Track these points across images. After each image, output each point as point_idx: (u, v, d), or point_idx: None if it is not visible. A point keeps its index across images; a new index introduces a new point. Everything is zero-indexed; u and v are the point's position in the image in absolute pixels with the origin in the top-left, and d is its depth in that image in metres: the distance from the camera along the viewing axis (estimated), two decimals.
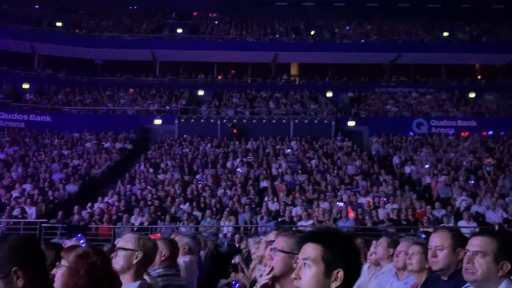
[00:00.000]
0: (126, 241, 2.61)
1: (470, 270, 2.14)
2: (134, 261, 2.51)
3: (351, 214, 11.86)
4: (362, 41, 26.18)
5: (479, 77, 27.33)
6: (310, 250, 1.56)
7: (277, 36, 26.86)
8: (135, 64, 26.12)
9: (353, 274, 1.54)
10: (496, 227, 11.10)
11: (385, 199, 12.86)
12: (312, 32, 27.18)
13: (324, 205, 12.35)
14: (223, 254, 8.20)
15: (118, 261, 2.50)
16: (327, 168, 15.92)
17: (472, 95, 24.02)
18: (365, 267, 4.18)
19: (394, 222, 11.46)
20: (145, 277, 2.63)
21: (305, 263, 1.55)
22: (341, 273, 1.51)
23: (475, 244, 2.17)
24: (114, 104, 22.87)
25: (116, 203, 12.89)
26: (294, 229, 8.44)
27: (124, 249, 2.55)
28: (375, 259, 4.03)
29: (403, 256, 3.32)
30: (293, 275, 1.58)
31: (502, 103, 23.19)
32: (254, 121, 20.68)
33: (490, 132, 20.19)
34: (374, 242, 4.25)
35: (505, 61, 25.67)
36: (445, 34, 27.13)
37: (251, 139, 19.04)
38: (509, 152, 17.60)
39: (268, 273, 2.05)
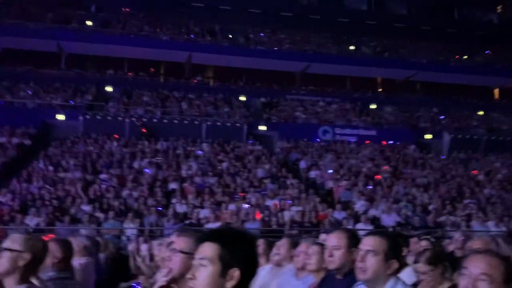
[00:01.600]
0: (12, 241, 2.40)
1: (362, 268, 2.26)
2: (21, 263, 2.32)
3: (258, 216, 12.08)
4: (276, 48, 26.85)
5: (380, 90, 29.31)
6: (207, 249, 1.53)
7: (192, 36, 26.61)
8: (39, 54, 24.32)
9: (249, 274, 1.54)
10: (391, 230, 11.93)
11: (290, 201, 13.28)
12: (228, 36, 27.36)
13: (232, 207, 12.43)
14: (125, 257, 7.88)
15: (1, 263, 2.30)
16: (238, 171, 16.07)
17: (373, 106, 25.66)
18: (268, 268, 4.26)
19: (298, 224, 11.86)
20: (34, 280, 2.44)
21: (201, 263, 1.53)
22: (237, 273, 1.50)
23: (368, 243, 2.29)
24: (13, 96, 21.13)
25: (10, 202, 11.89)
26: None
27: (10, 250, 2.34)
28: (277, 260, 4.12)
29: (303, 256, 3.42)
30: (188, 275, 1.55)
31: (400, 116, 25.08)
32: (165, 121, 20.27)
33: (389, 142, 21.72)
34: (277, 243, 4.35)
35: (404, 77, 27.81)
36: (352, 48, 28.74)
37: (161, 139, 18.63)
38: (404, 161, 19.08)
39: (167, 274, 2.00)
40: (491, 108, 27.51)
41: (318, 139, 21.27)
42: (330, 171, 16.71)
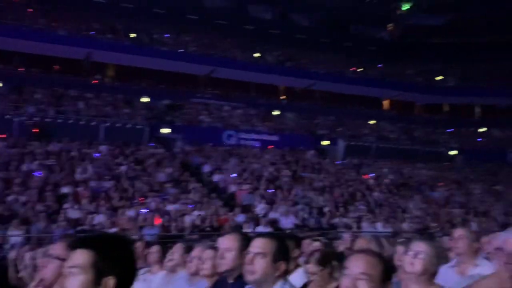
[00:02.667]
0: None
1: (250, 270, 2.25)
2: None
3: (158, 221, 11.76)
4: (181, 50, 26.51)
5: (282, 97, 30.27)
6: (79, 256, 1.41)
7: (92, 33, 25.26)
8: None
9: (126, 282, 1.45)
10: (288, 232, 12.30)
11: (192, 206, 13.13)
12: (131, 35, 26.42)
13: (131, 212, 11.97)
14: (5, 267, 7.17)
15: None
16: (137, 175, 15.53)
17: (276, 112, 26.43)
18: (162, 274, 4.12)
19: (198, 228, 11.75)
20: None
21: (72, 271, 1.40)
22: (112, 281, 1.40)
23: (256, 245, 2.29)
24: None
25: None
26: None
27: None
28: (171, 266, 4.00)
29: (196, 261, 3.35)
30: (58, 286, 1.41)
31: (300, 122, 26.12)
32: (60, 121, 18.95)
33: (290, 147, 22.48)
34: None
35: (304, 85, 29.03)
36: (256, 55, 29.36)
37: (54, 140, 17.38)
38: (303, 165, 19.86)
39: (37, 284, 1.82)
40: (381, 118, 29.77)
41: (222, 143, 21.36)
42: (234, 175, 16.84)
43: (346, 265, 1.85)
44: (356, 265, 1.80)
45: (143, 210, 12.14)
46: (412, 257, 2.70)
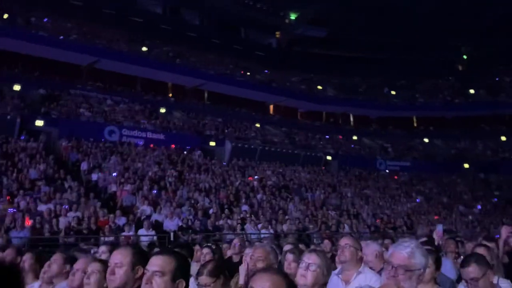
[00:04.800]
0: None
1: None
2: None
3: (28, 223, 10.71)
4: (61, 37, 24.57)
5: (170, 95, 29.71)
6: None
7: None
8: None
9: None
10: (172, 235, 12.05)
11: (67, 206, 12.20)
12: (4, 15, 23.76)
13: None
14: None
15: None
16: (5, 170, 14.00)
17: (163, 110, 25.81)
18: (37, 286, 3.72)
19: (75, 231, 10.95)
20: None
21: None
22: None
23: (155, 263, 2.15)
24: None
25: None
26: None
27: None
28: (47, 277, 3.62)
29: (80, 275, 3.06)
30: None
31: (187, 121, 25.85)
32: None
33: (176, 146, 22.10)
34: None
35: (193, 85, 28.83)
36: (144, 49, 28.41)
37: None
38: (189, 166, 19.66)
39: None
40: (266, 122, 30.79)
41: (103, 139, 20.22)
42: (115, 174, 16.03)
43: (251, 285, 1.83)
44: (261, 285, 1.80)
45: (11, 210, 10.96)
46: (304, 269, 2.76)
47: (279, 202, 17.96)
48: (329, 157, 28.19)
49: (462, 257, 4.17)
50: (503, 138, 34.03)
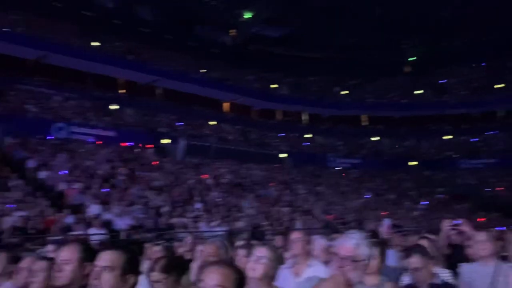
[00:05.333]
0: None
1: (98, 285, 2.07)
2: None
3: None
4: (7, 29, 23.43)
5: (122, 91, 29.02)
6: None
7: None
8: None
9: None
10: (123, 234, 11.82)
11: (13, 205, 11.69)
12: None
13: None
14: None
15: None
16: None
17: (114, 107, 25.20)
18: None
19: (21, 230, 10.52)
20: None
21: None
22: None
23: (104, 258, 2.13)
24: None
25: None
26: None
27: None
28: None
29: (26, 274, 2.98)
30: None
31: (140, 118, 25.38)
32: None
33: (128, 144, 21.64)
34: None
35: (146, 81, 28.31)
36: (95, 44, 27.58)
37: None
38: (141, 164, 19.33)
39: None
40: (222, 119, 30.75)
41: (51, 136, 19.48)
42: (63, 172, 15.51)
43: (201, 278, 1.85)
44: (212, 278, 1.83)
45: None
46: (254, 262, 2.81)
47: (233, 199, 18.00)
48: (283, 155, 28.54)
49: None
50: (447, 137, 35.72)
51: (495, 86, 36.45)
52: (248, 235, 11.19)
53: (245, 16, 36.52)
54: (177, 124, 26.66)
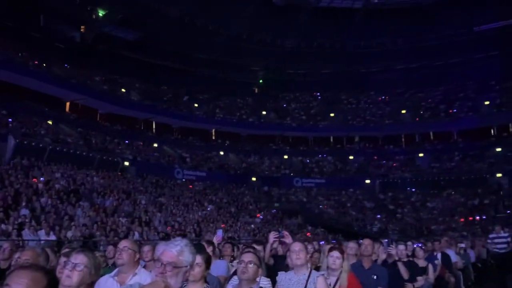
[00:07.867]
0: None
1: None
2: None
3: None
4: None
5: None
6: None
7: None
8: None
9: None
10: None
11: None
12: None
13: None
14: None
15: None
16: None
17: None
18: None
19: None
20: None
21: None
22: None
23: None
24: None
25: None
26: None
27: None
28: None
29: None
30: None
31: None
32: None
33: None
34: None
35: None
36: None
37: None
38: None
39: None
40: (61, 119, 28.42)
41: None
42: None
43: (7, 282, 1.67)
44: (19, 282, 1.65)
45: None
46: (70, 270, 2.66)
47: (66, 207, 16.67)
48: (126, 163, 27.52)
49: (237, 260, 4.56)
50: (286, 157, 38.66)
51: (331, 115, 40.84)
52: (79, 246, 10.45)
53: (98, 14, 34.73)
54: (7, 120, 23.85)
